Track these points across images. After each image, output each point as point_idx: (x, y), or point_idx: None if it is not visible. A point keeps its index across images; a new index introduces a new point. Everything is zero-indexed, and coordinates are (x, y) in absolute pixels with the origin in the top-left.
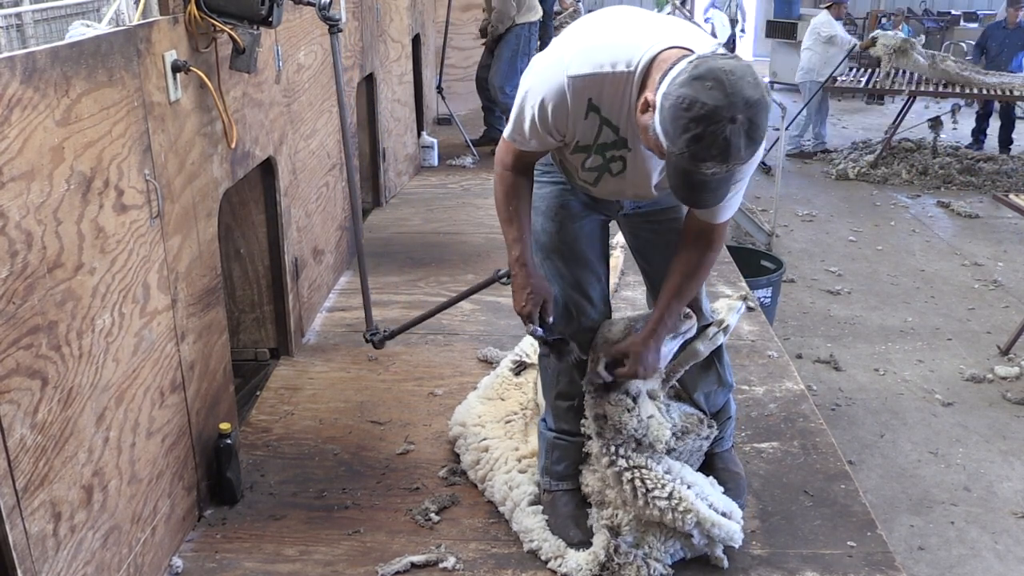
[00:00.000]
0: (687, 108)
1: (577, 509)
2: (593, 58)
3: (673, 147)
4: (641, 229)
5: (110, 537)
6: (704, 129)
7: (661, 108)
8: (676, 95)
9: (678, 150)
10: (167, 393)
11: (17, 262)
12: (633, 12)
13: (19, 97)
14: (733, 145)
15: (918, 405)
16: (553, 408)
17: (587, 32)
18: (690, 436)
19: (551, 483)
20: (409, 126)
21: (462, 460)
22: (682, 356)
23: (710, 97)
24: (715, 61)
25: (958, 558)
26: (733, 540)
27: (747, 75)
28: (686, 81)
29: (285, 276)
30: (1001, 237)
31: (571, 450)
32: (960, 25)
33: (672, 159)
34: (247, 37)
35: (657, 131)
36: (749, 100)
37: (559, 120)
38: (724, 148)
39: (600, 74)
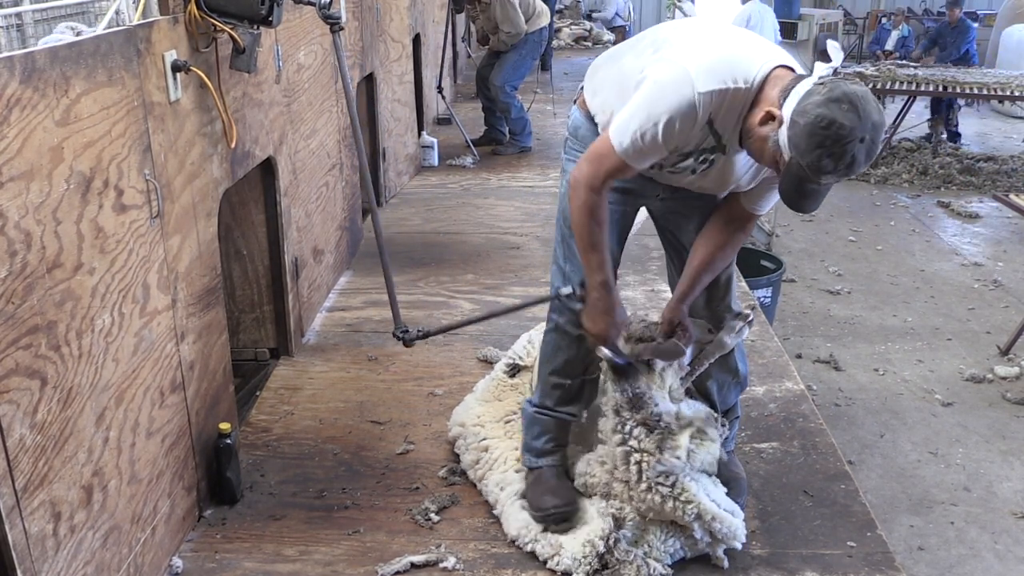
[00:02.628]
0: (826, 127)
1: (559, 482)
2: (719, 74)
3: (802, 159)
4: (678, 208)
5: (110, 537)
6: (838, 147)
7: (793, 124)
8: (815, 114)
9: (807, 162)
10: (167, 393)
11: (16, 262)
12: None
13: (18, 97)
14: (857, 161)
15: (918, 405)
16: (544, 382)
17: (702, 45)
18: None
19: (532, 460)
20: (409, 126)
21: (462, 460)
22: (709, 348)
23: (847, 118)
24: (847, 86)
25: (958, 558)
26: (736, 537)
27: (872, 100)
28: (823, 102)
29: (285, 276)
30: (1001, 237)
31: (551, 425)
32: None
33: (793, 168)
34: (247, 37)
35: (782, 143)
36: (876, 123)
37: (684, 133)
38: (850, 163)
39: (725, 89)
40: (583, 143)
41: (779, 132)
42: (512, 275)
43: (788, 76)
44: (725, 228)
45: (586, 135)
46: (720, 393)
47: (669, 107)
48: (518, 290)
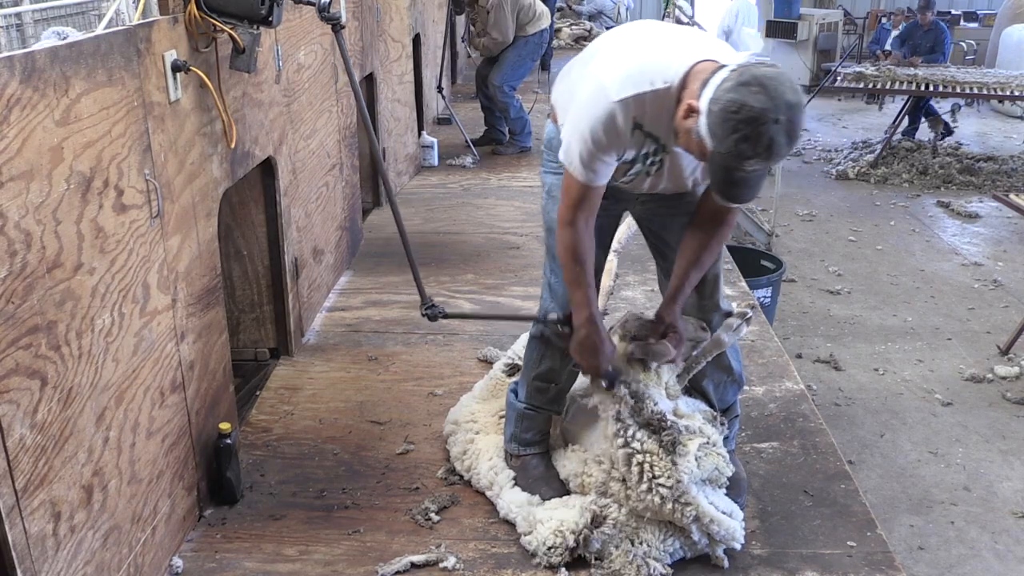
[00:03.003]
0: (736, 111)
1: (547, 470)
2: (634, 79)
3: (720, 147)
4: (659, 210)
5: (110, 537)
6: (751, 130)
7: (709, 112)
8: (725, 100)
9: (725, 149)
10: (167, 393)
11: (16, 262)
12: (653, 28)
13: (18, 97)
14: (776, 143)
15: (918, 405)
16: (529, 385)
17: (620, 55)
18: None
19: (519, 448)
20: (409, 126)
21: (451, 453)
22: (706, 346)
23: (756, 100)
24: (758, 69)
25: (958, 558)
26: (735, 539)
27: (786, 81)
28: (733, 87)
29: (285, 276)
30: (1001, 237)
31: (539, 419)
32: (960, 25)
33: (717, 158)
34: (247, 37)
35: (702, 133)
36: (790, 103)
37: (614, 142)
38: (768, 146)
39: (642, 93)
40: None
41: (699, 123)
42: (512, 275)
43: (709, 68)
44: (707, 224)
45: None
46: (717, 392)
47: (591, 121)
48: (518, 290)
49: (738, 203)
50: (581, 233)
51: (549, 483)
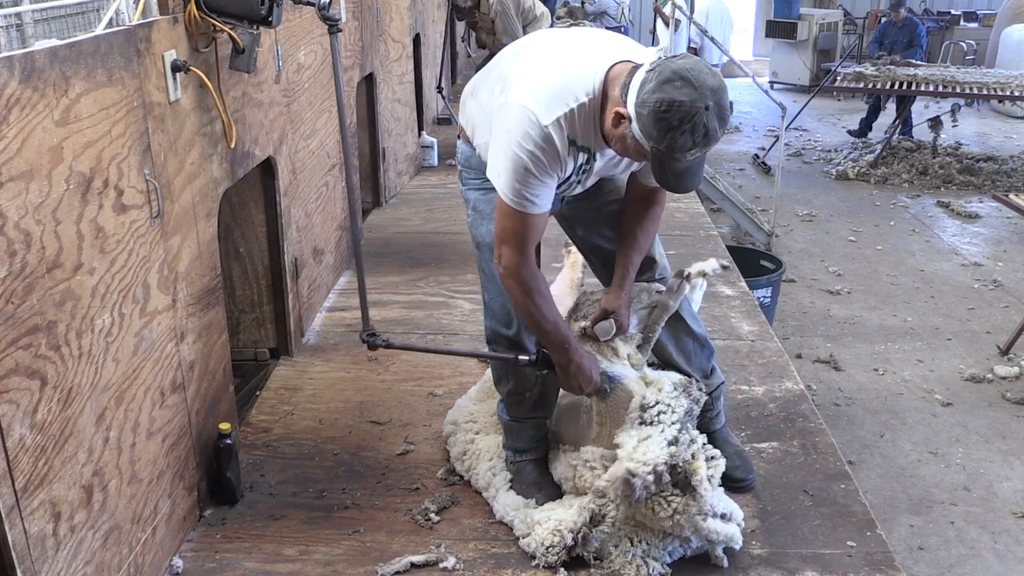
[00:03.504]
0: (666, 110)
1: (541, 476)
2: (557, 98)
3: (659, 145)
4: (584, 208)
5: (110, 537)
6: (685, 123)
7: (639, 116)
8: (653, 101)
9: (664, 146)
10: (167, 393)
11: (16, 262)
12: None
13: (18, 97)
14: (711, 129)
15: (918, 405)
16: (506, 399)
17: (534, 76)
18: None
19: (515, 455)
20: (410, 126)
21: (451, 454)
22: (654, 314)
23: (683, 94)
24: (673, 63)
25: (958, 558)
26: (733, 542)
27: (703, 68)
28: (656, 87)
29: (285, 276)
30: (1001, 237)
31: (527, 429)
32: (960, 25)
33: (657, 156)
34: (247, 37)
35: (637, 136)
36: (713, 87)
37: (554, 164)
38: (704, 133)
39: (570, 111)
40: (477, 170)
41: (631, 128)
42: None
43: (625, 70)
44: (639, 207)
45: (478, 163)
46: (689, 361)
47: (527, 148)
48: None
49: (685, 191)
50: (533, 271)
51: (543, 489)
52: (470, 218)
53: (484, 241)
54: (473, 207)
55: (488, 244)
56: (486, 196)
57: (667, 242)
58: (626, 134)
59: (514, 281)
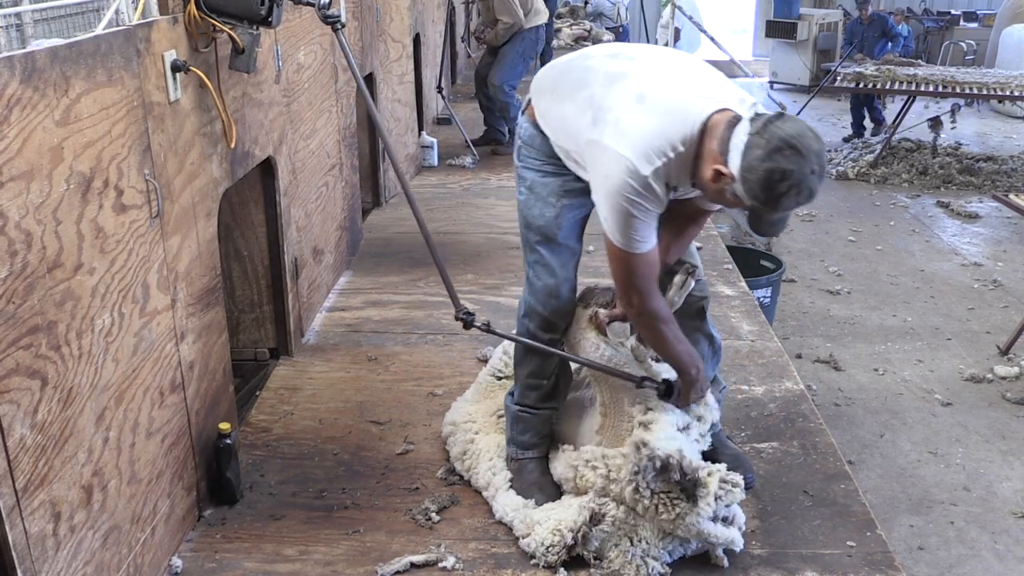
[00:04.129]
0: (780, 179)
1: (542, 476)
2: (656, 150)
3: (765, 206)
4: None
5: (110, 537)
6: (794, 189)
7: (745, 180)
8: (763, 169)
9: (770, 208)
10: (167, 393)
11: (16, 262)
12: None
13: (18, 97)
14: (814, 190)
15: (918, 405)
16: (522, 384)
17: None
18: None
19: (517, 452)
20: (410, 126)
21: (451, 454)
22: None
23: (793, 163)
24: (779, 128)
25: (958, 558)
26: (734, 544)
27: (805, 130)
28: (766, 156)
29: (285, 276)
30: (1001, 237)
31: (534, 422)
32: (960, 25)
33: (758, 210)
34: (247, 37)
35: (739, 194)
36: (817, 152)
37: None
38: (808, 195)
39: (668, 161)
40: (540, 151)
41: (733, 186)
42: (512, 275)
43: (721, 124)
44: (681, 222)
45: (542, 145)
46: None
47: (630, 197)
48: (518, 290)
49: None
50: (661, 301)
51: (543, 489)
52: (523, 196)
53: (536, 224)
54: (529, 187)
55: (540, 228)
56: (544, 179)
57: None
58: (725, 189)
59: (647, 319)
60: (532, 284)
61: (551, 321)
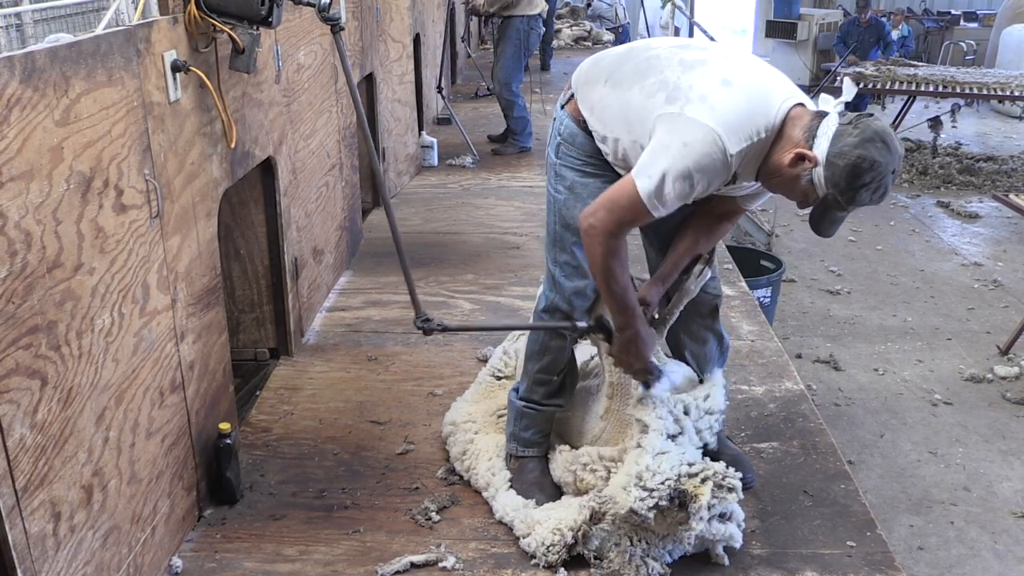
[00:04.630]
0: (869, 167)
1: (542, 476)
2: (745, 131)
3: (841, 196)
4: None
5: (110, 537)
6: (876, 181)
7: (831, 165)
8: (855, 155)
9: (846, 198)
10: (167, 393)
11: (16, 262)
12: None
13: (18, 97)
14: (888, 191)
15: (918, 405)
16: (530, 379)
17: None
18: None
19: (518, 449)
20: (410, 126)
21: (450, 453)
22: (675, 297)
23: (882, 156)
24: (875, 124)
25: (958, 558)
26: (733, 540)
27: (893, 132)
28: (859, 143)
29: (285, 276)
30: (1001, 237)
31: (538, 419)
32: (960, 25)
33: (829, 202)
34: (247, 37)
35: (816, 180)
36: (901, 155)
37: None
38: (884, 193)
39: (751, 144)
40: (581, 150)
41: (814, 172)
42: (512, 275)
43: (806, 115)
44: (714, 219)
45: (584, 143)
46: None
47: (704, 168)
48: (518, 290)
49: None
50: (623, 243)
51: (543, 489)
52: (562, 197)
53: (574, 225)
54: (570, 187)
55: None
56: (584, 179)
57: None
58: (802, 175)
59: (600, 240)
60: (560, 283)
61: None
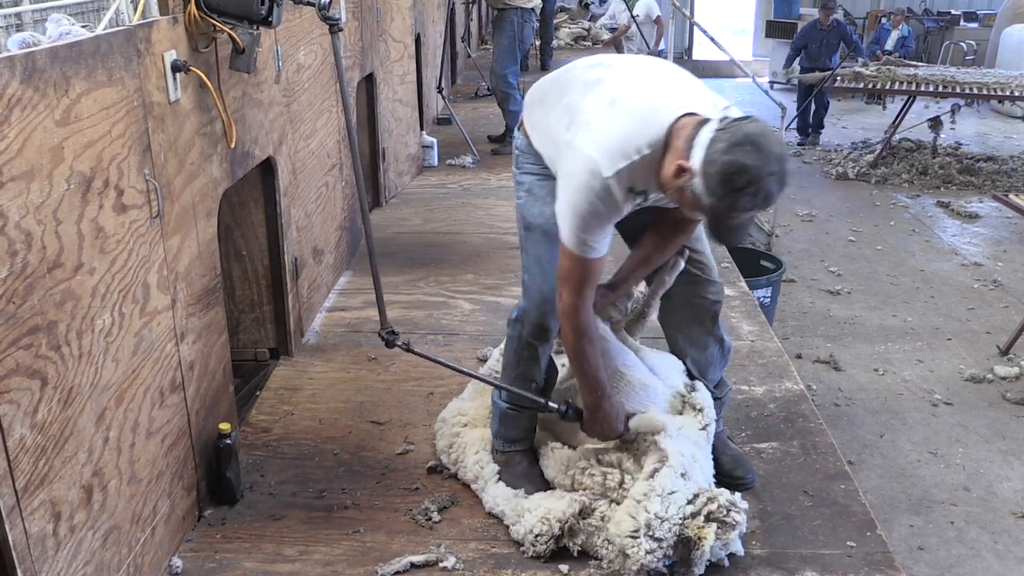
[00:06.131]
0: (737, 172)
1: (530, 467)
2: (622, 151)
3: (720, 203)
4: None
5: (110, 537)
6: (750, 187)
7: (705, 174)
8: (722, 162)
9: (726, 205)
10: (167, 393)
11: (17, 262)
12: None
13: (19, 97)
14: (771, 193)
15: (918, 405)
16: (510, 383)
17: (600, 122)
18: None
19: (504, 445)
20: (411, 126)
21: (437, 446)
22: (651, 289)
23: (752, 159)
24: (745, 126)
25: (958, 558)
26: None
27: (770, 133)
28: (727, 148)
29: (285, 276)
30: (1001, 237)
31: (522, 418)
32: (960, 25)
33: (715, 211)
34: (247, 37)
35: (697, 191)
36: (779, 155)
37: (612, 212)
38: (766, 198)
39: (632, 163)
40: (536, 158)
41: (693, 183)
42: (512, 275)
43: (690, 125)
44: (668, 231)
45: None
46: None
47: (588, 199)
48: (517, 290)
49: (732, 244)
50: (587, 315)
51: (532, 480)
52: (522, 200)
53: (536, 223)
54: (528, 189)
55: (540, 226)
56: (541, 182)
57: None
58: (685, 186)
59: (568, 322)
60: (527, 288)
61: (544, 326)
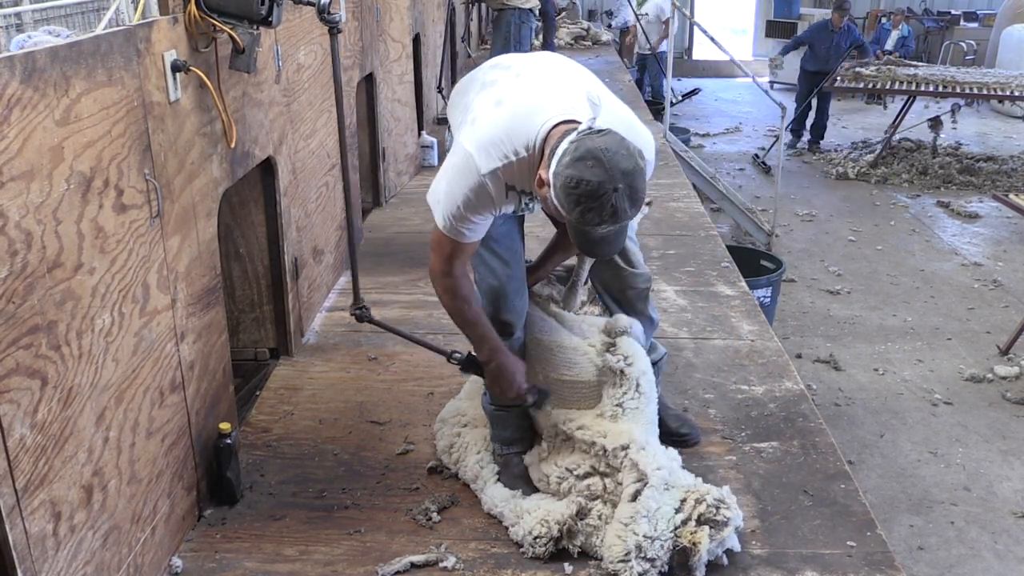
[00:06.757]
0: (575, 186)
1: (528, 469)
2: (498, 150)
3: (570, 216)
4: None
5: (110, 537)
6: (592, 202)
7: (553, 186)
8: (564, 176)
9: (574, 219)
10: (167, 393)
11: (17, 262)
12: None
13: (19, 97)
14: (619, 209)
15: (918, 405)
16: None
17: (483, 119)
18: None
19: (501, 448)
20: (410, 126)
21: (437, 447)
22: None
23: (593, 174)
24: (592, 141)
25: (958, 558)
26: (731, 546)
27: (620, 148)
28: (570, 163)
29: (285, 276)
30: (1001, 237)
31: (512, 418)
32: (960, 25)
33: (571, 224)
34: (247, 37)
35: (554, 203)
36: (625, 170)
37: (489, 204)
38: (612, 213)
39: (508, 163)
40: None
41: (549, 193)
42: None
43: (559, 133)
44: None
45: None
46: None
47: (463, 190)
48: None
49: (601, 257)
50: (460, 279)
51: (529, 482)
52: None
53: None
54: None
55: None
56: None
57: (667, 242)
58: (547, 196)
59: (439, 284)
60: (479, 287)
61: (504, 321)
